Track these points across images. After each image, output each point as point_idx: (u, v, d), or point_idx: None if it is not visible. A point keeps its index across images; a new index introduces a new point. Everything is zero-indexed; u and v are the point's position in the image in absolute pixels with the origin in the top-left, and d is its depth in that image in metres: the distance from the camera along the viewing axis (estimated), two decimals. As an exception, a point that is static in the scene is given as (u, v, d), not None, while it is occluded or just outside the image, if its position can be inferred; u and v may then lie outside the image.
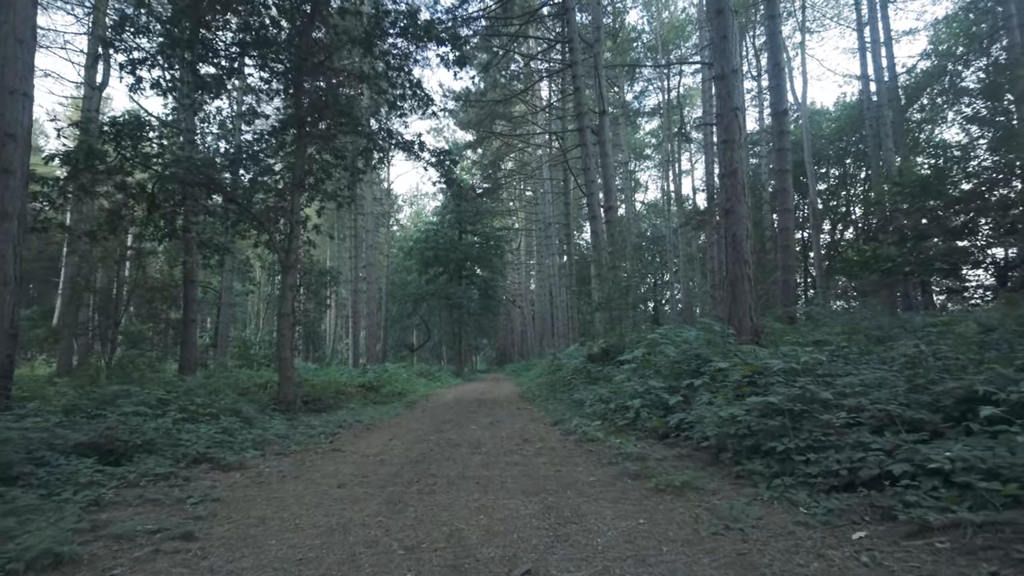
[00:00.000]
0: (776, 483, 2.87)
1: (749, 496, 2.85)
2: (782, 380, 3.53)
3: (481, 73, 18.02)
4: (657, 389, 5.21)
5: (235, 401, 7.29)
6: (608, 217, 16.27)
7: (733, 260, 7.85)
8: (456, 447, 5.05)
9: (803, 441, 2.97)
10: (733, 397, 4.02)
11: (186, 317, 12.92)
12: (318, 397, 9.68)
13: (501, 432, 6.05)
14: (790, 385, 3.42)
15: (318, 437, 5.80)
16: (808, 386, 3.30)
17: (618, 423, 5.42)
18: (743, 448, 3.36)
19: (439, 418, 7.82)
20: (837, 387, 3.48)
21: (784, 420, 3.11)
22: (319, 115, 9.49)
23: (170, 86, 9.34)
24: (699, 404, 4.67)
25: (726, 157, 8.00)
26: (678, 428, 4.62)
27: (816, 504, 2.53)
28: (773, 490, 2.81)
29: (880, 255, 12.03)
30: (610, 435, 5.05)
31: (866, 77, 20.07)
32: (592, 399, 7.29)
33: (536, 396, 10.54)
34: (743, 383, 4.00)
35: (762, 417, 3.28)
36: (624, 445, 4.47)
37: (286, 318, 8.80)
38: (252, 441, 5.29)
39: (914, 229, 12.69)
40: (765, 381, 3.72)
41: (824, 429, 3.01)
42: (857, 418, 2.99)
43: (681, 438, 4.40)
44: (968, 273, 13.09)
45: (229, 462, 4.28)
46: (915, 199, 12.90)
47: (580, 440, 4.98)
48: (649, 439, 4.76)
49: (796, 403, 3.22)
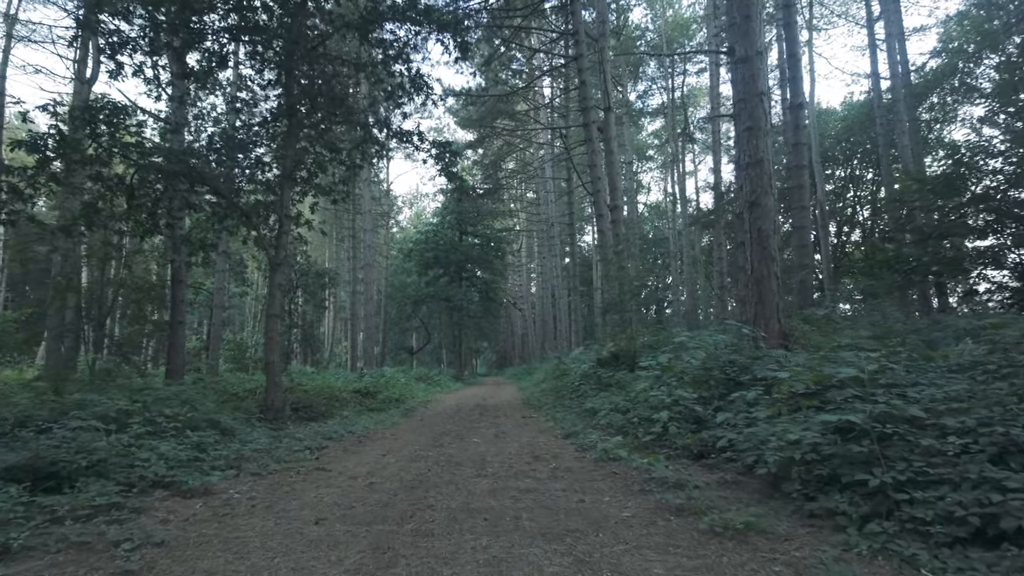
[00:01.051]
0: (871, 529, 2.24)
1: (838, 546, 2.22)
2: (858, 393, 2.89)
3: (483, 68, 17.44)
4: (687, 400, 4.57)
5: (215, 410, 6.66)
6: (614, 216, 15.69)
7: (759, 257, 7.24)
8: (458, 467, 4.42)
9: (901, 473, 2.34)
10: (787, 412, 3.39)
11: (174, 319, 12.29)
12: (309, 404, 9.04)
13: (508, 447, 5.41)
14: (869, 399, 2.78)
15: (303, 452, 5.16)
16: (892, 400, 2.67)
17: (641, 438, 4.78)
18: (813, 478, 2.73)
19: (438, 428, 7.18)
20: (921, 401, 2.85)
21: (872, 445, 2.48)
22: (311, 104, 8.89)
23: (154, 74, 8.74)
24: (738, 417, 4.04)
25: (750, 145, 7.40)
26: (715, 447, 3.98)
27: (943, 565, 1.90)
28: (870, 539, 2.18)
29: (903, 254, 11.39)
30: (634, 453, 4.42)
31: (876, 75, 19.50)
32: (606, 408, 6.65)
33: (542, 403, 9.90)
34: (801, 395, 3.37)
35: (841, 440, 2.65)
36: (654, 466, 3.84)
37: (275, 319, 8.17)
38: (226, 459, 4.65)
39: (937, 227, 12.09)
40: (835, 394, 3.09)
41: (927, 457, 2.37)
42: (970, 443, 2.36)
43: (722, 459, 3.77)
44: (992, 274, 12.48)
45: (192, 487, 3.64)
46: (937, 196, 12.30)
47: (601, 459, 4.35)
48: (681, 459, 4.12)
49: (881, 422, 2.59)
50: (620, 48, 27.05)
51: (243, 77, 9.83)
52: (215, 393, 9.75)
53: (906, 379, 3.54)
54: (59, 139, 7.14)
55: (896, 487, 2.30)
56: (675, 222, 30.89)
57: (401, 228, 46.05)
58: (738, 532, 2.44)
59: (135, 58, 8.22)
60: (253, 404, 8.15)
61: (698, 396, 4.60)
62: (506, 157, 31.15)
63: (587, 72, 15.23)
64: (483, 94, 17.99)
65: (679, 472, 3.67)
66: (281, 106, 8.94)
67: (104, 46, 8.19)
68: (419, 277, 26.00)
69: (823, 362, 4.15)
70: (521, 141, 28.97)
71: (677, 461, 4.07)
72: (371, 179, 22.16)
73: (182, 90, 10.94)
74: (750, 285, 7.24)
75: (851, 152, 23.62)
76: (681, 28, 31.22)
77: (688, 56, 32.54)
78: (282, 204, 8.56)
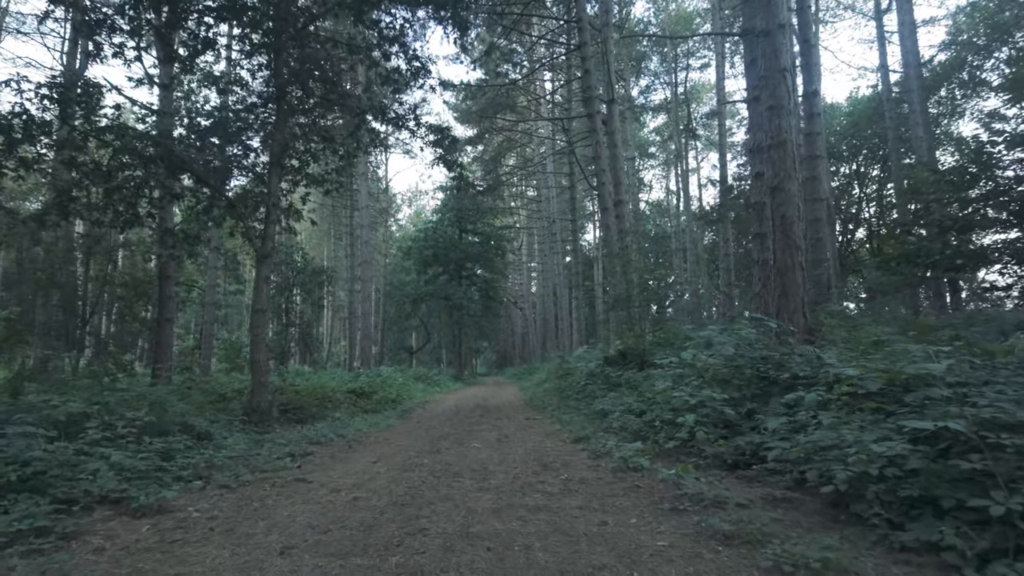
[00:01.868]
0: (997, 572, 1.70)
1: (957, 597, 1.68)
2: (950, 395, 2.35)
3: (482, 59, 16.90)
4: (716, 401, 4.03)
5: (190, 412, 6.12)
6: (618, 211, 15.20)
7: (782, 247, 6.72)
8: (456, 477, 3.88)
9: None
10: (845, 416, 2.85)
11: (161, 316, 11.76)
12: (299, 405, 8.51)
13: (512, 452, 4.87)
14: (964, 401, 2.25)
15: (283, 460, 4.62)
16: (1000, 404, 2.13)
17: (663, 444, 4.24)
18: (896, 500, 2.19)
19: (436, 431, 6.64)
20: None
21: (985, 460, 1.94)
22: (302, 87, 8.36)
23: (137, 56, 8.20)
24: (779, 421, 3.50)
25: (773, 126, 6.87)
26: (754, 456, 3.45)
27: None
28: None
29: (925, 247, 10.84)
30: (657, 461, 3.88)
31: (885, 67, 18.99)
32: (618, 410, 6.12)
33: (546, 404, 9.36)
34: (863, 396, 2.83)
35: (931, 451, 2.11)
36: (683, 478, 3.31)
37: (261, 314, 7.63)
38: (194, 468, 4.11)
39: (958, 220, 11.56)
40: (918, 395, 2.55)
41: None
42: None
43: (763, 471, 3.23)
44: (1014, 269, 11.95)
45: (144, 504, 3.10)
46: (956, 188, 11.77)
47: (619, 469, 3.80)
48: (712, 469, 3.58)
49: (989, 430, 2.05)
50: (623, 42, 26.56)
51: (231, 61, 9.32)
52: (201, 393, 9.23)
53: (975, 377, 3.01)
54: (26, 120, 6.62)
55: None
56: (679, 219, 30.37)
57: (400, 227, 45.53)
58: (814, 573, 1.90)
59: (114, 39, 7.70)
60: (239, 406, 7.62)
61: (727, 397, 4.06)
62: (506, 153, 30.62)
63: (591, 61, 14.69)
64: (484, 83, 17.46)
65: (714, 486, 3.13)
66: (270, 89, 8.41)
67: (80, 25, 7.68)
68: (418, 275, 25.46)
69: (861, 357, 3.62)
70: (522, 136, 28.44)
71: (708, 472, 3.53)
72: (368, 174, 21.62)
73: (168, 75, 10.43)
74: (772, 277, 6.71)
75: (857, 148, 23.12)
76: (684, 22, 30.77)
77: (691, 51, 32.10)
78: (270, 192, 8.02)
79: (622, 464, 3.85)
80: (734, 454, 3.56)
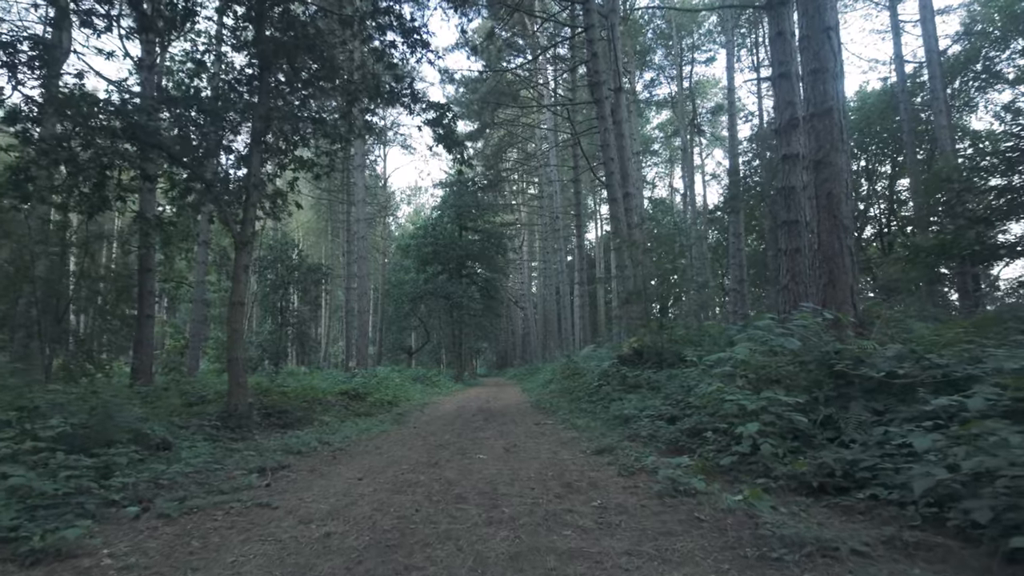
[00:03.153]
0: None
1: None
2: None
3: (485, 43, 16.14)
4: (782, 406, 3.23)
5: (153, 416, 5.33)
6: (627, 204, 14.44)
7: (829, 228, 5.90)
8: (459, 503, 3.07)
9: None
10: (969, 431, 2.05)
11: (141, 313, 10.99)
12: (284, 409, 7.71)
13: (525, 467, 4.07)
14: None
15: (250, 476, 3.81)
16: None
17: (712, 458, 3.45)
18: None
19: (434, 439, 5.84)
20: None
21: None
22: (288, 59, 7.56)
23: (107, 25, 7.39)
24: (871, 433, 2.70)
25: (816, 92, 6.07)
26: (848, 476, 2.65)
27: None
28: None
29: (962, 238, 10.03)
30: (713, 481, 3.08)
31: (900, 58, 18.22)
32: (644, 415, 5.32)
33: (555, 407, 8.56)
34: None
35: None
36: (757, 508, 2.52)
37: (238, 308, 6.83)
38: (134, 490, 3.32)
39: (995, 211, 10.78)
40: None
41: None
42: None
43: (871, 500, 2.43)
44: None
45: (39, 548, 2.29)
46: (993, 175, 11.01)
47: (666, 492, 3.00)
48: (791, 494, 2.78)
49: None
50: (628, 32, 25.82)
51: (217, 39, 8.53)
52: (179, 395, 8.47)
53: None
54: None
55: None
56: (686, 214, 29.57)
57: (399, 225, 44.75)
58: None
59: (82, 3, 6.93)
60: (217, 409, 6.83)
61: (795, 402, 3.25)
62: (507, 149, 29.87)
63: (598, 44, 13.90)
64: (486, 68, 16.67)
65: (804, 520, 2.34)
66: (253, 63, 7.62)
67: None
68: (417, 274, 24.66)
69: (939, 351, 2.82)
70: (523, 130, 27.68)
71: (785, 497, 2.73)
72: (365, 166, 20.83)
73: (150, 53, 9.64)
74: (817, 264, 5.92)
75: (866, 144, 22.35)
76: (690, 15, 30.02)
77: (697, 45, 31.39)
78: (250, 173, 7.23)
79: (670, 485, 3.04)
80: (819, 475, 2.75)
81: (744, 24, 25.78)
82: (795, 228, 8.18)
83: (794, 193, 8.30)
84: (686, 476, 3.12)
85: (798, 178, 8.35)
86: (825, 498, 2.66)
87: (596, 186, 36.07)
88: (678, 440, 4.16)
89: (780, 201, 8.79)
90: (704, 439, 3.86)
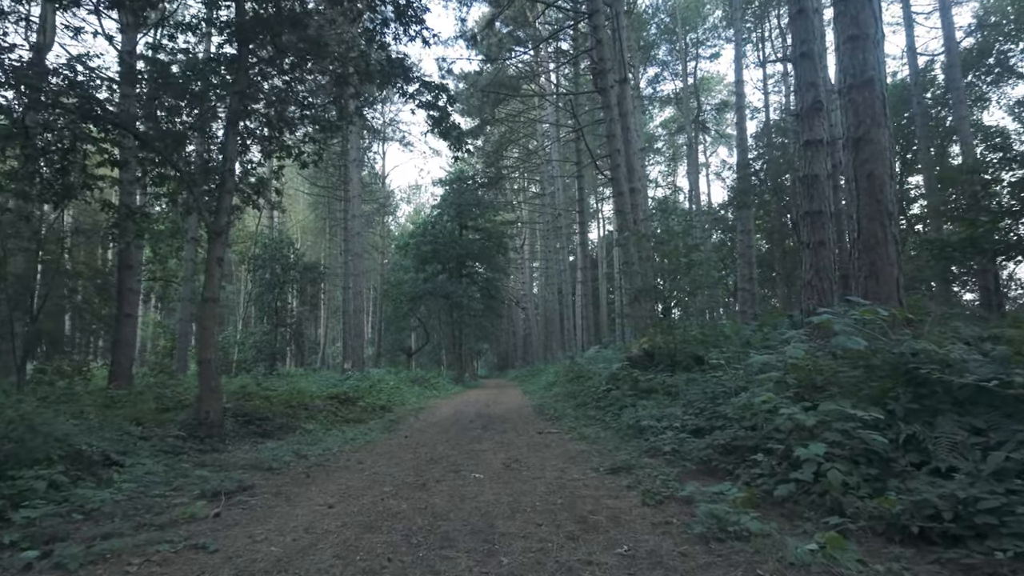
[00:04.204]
0: None
1: None
2: None
3: (484, 31, 15.49)
4: (850, 422, 2.56)
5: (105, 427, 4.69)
6: (634, 200, 13.81)
7: (870, 214, 5.24)
8: (445, 547, 2.41)
9: None
10: None
11: (120, 312, 10.37)
12: (265, 415, 7.06)
13: (528, 490, 3.40)
14: None
15: (196, 504, 3.15)
16: None
17: (760, 485, 2.78)
18: None
19: (426, 452, 5.17)
20: None
21: None
22: (270, 34, 6.91)
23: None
24: (974, 459, 2.04)
25: (856, 61, 5.41)
26: (960, 520, 1.98)
27: None
28: None
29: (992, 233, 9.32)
30: (768, 519, 2.42)
31: (912, 50, 17.54)
32: (662, 424, 4.66)
33: (560, 412, 7.89)
34: None
35: None
36: (841, 564, 1.86)
37: (210, 304, 6.17)
38: (40, 526, 2.66)
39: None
40: None
41: None
42: None
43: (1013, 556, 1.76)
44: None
45: None
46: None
47: (711, 534, 2.33)
48: (873, 539, 2.12)
49: None
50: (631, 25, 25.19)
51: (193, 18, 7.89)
52: (155, 400, 7.83)
53: None
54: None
55: None
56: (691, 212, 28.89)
57: (399, 224, 44.12)
58: None
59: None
60: (185, 417, 6.18)
61: (872, 417, 2.58)
62: (508, 146, 29.21)
63: (603, 30, 13.24)
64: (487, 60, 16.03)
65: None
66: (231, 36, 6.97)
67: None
68: (416, 273, 24.00)
69: None
70: (524, 126, 27.02)
71: (870, 544, 2.07)
72: (361, 161, 20.20)
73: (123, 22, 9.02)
74: (856, 253, 5.25)
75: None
76: (695, 8, 29.41)
77: (701, 40, 30.74)
78: (225, 157, 6.58)
79: (714, 525, 2.37)
80: (918, 516, 2.08)
81: (750, 19, 25.14)
82: (819, 219, 7.54)
83: (817, 182, 7.66)
84: (733, 511, 2.45)
85: (822, 165, 7.72)
86: (932, 550, 2.00)
87: (597, 185, 35.41)
88: (710, 459, 3.49)
89: (802, 191, 8.13)
90: (743, 459, 3.19)
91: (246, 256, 24.45)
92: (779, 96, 27.53)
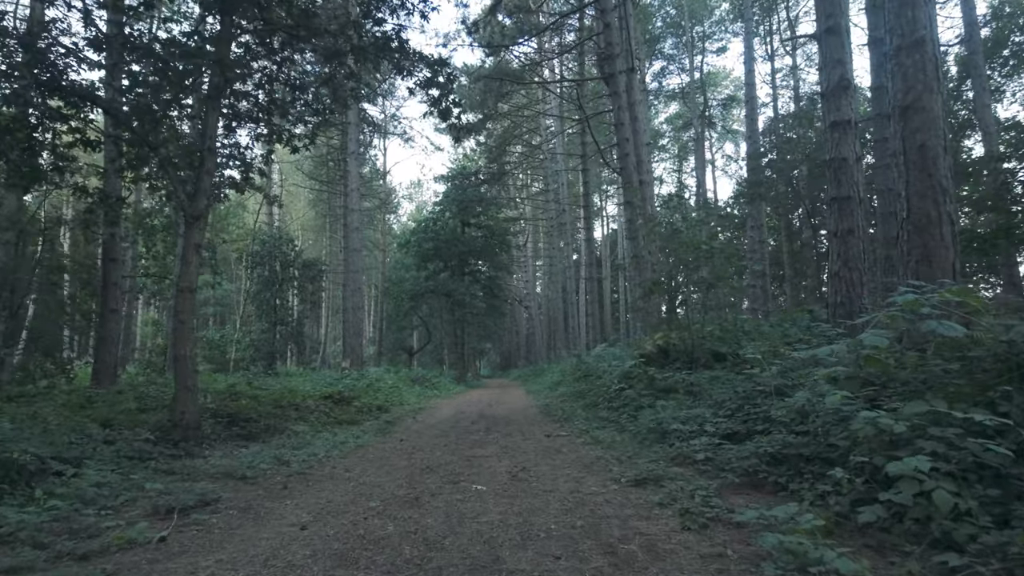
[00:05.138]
0: None
1: None
2: None
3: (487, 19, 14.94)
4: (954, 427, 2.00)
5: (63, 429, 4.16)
6: (643, 193, 13.27)
7: (920, 191, 4.65)
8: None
9: None
10: None
11: (105, 307, 9.88)
12: (249, 416, 6.52)
13: (540, 509, 2.85)
14: None
15: (137, 527, 2.60)
16: None
17: (833, 507, 2.22)
18: None
19: (421, 459, 4.61)
20: None
21: None
22: (256, 7, 6.36)
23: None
24: None
25: (904, 20, 4.83)
26: None
27: None
28: None
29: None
30: (860, 558, 1.85)
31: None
32: (687, 428, 4.10)
33: (568, 414, 7.33)
34: None
35: None
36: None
37: (186, 295, 5.63)
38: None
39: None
40: None
41: None
42: None
43: None
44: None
45: None
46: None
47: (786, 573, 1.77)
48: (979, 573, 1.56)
49: None
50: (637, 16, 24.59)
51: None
52: (136, 399, 7.34)
53: None
54: None
55: None
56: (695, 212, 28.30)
57: (400, 222, 43.62)
58: None
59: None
60: (158, 418, 5.65)
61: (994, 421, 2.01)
62: (512, 141, 28.65)
63: (610, 14, 12.67)
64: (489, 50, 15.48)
65: None
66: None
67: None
68: (418, 271, 23.46)
69: None
70: (528, 121, 26.45)
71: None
72: (359, 153, 19.67)
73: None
74: (905, 235, 4.67)
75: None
76: (701, 1, 28.85)
77: (708, 34, 30.16)
78: (205, 135, 6.04)
79: (790, 563, 1.81)
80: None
81: (757, 12, 24.55)
82: (847, 206, 6.99)
83: (845, 165, 7.11)
84: (810, 544, 1.88)
85: (850, 148, 7.18)
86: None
87: (602, 182, 34.79)
88: (755, 470, 2.92)
89: (829, 175, 7.58)
90: (798, 471, 2.63)
91: (244, 253, 23.98)
92: (787, 91, 26.97)
